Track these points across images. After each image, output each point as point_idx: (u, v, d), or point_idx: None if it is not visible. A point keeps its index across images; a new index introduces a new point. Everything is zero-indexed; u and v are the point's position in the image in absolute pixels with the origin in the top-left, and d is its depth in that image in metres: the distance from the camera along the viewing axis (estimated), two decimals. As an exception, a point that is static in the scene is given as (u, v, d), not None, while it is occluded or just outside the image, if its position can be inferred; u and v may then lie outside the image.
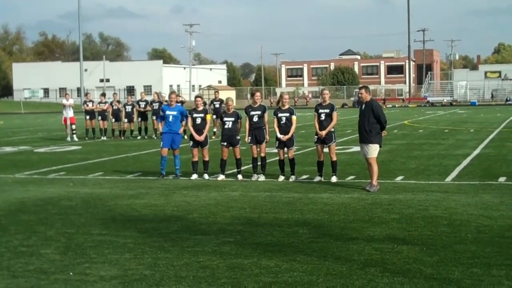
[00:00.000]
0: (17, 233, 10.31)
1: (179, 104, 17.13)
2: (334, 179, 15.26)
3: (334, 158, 15.41)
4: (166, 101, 30.56)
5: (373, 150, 13.88)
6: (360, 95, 14.15)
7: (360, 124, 14.05)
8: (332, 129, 15.34)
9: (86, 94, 35.92)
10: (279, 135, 15.58)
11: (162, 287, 7.34)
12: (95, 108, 32.58)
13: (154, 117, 30.65)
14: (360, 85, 14.99)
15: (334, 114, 15.30)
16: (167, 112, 16.67)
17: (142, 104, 31.99)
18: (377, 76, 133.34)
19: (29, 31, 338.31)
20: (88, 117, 32.33)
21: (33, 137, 34.65)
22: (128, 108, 31.96)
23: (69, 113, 31.57)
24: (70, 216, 11.69)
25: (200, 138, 16.21)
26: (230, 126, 15.97)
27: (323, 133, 15.14)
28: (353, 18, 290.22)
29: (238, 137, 16.04)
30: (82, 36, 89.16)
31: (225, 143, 15.97)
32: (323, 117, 15.27)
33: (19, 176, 17.70)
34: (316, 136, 15.43)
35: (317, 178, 15.44)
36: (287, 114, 15.60)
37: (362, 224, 10.44)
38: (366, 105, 14.00)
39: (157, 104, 30.79)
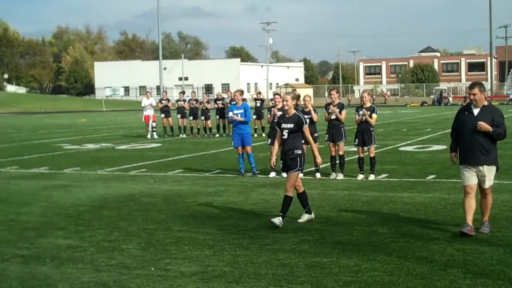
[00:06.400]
0: (100, 228, 10.56)
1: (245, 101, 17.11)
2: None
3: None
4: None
5: (494, 174, 9.79)
6: (473, 96, 9.65)
7: (472, 138, 9.55)
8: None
9: (164, 92, 36.52)
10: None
11: (241, 284, 7.38)
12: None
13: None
14: (472, 82, 10.50)
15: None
16: (234, 112, 16.70)
17: (220, 103, 32.18)
18: (457, 73, 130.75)
19: (109, 31, 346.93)
20: (163, 115, 32.76)
21: (115, 135, 35.42)
22: (205, 106, 32.24)
23: (150, 111, 32.14)
24: (150, 212, 11.89)
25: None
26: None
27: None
28: (432, 14, 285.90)
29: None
30: (161, 35, 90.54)
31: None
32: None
33: (101, 173, 18.10)
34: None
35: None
36: (368, 112, 15.45)
37: (444, 224, 10.25)
38: (482, 110, 9.66)
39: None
